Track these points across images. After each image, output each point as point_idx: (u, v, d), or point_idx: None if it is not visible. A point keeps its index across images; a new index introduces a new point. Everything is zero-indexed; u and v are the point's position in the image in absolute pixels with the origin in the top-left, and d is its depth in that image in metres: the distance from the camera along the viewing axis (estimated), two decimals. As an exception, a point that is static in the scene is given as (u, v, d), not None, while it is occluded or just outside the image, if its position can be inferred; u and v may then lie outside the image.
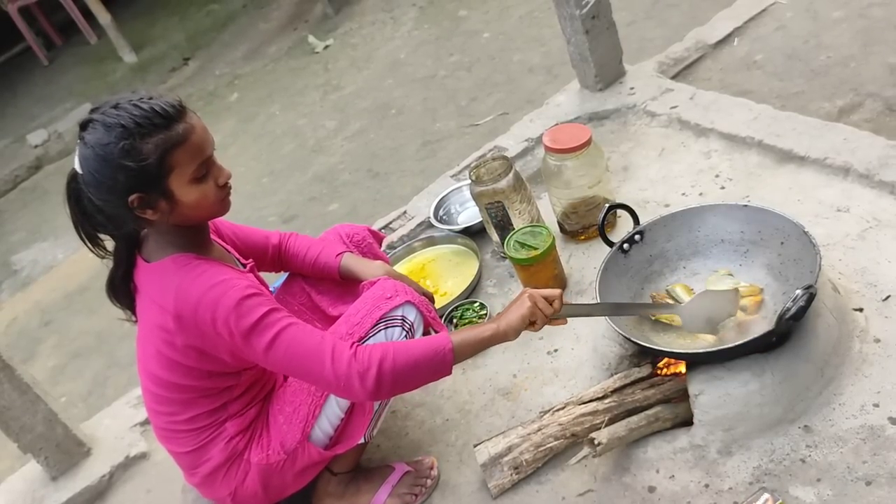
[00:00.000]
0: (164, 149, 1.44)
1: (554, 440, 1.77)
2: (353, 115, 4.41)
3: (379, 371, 1.50)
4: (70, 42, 8.35)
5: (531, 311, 1.60)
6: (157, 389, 1.65)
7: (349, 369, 1.50)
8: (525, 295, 1.62)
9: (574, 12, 2.72)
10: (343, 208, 3.59)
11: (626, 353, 1.88)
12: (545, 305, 1.62)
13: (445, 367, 1.56)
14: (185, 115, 1.49)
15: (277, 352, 1.51)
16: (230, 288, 1.50)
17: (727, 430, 1.65)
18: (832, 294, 1.78)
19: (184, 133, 1.46)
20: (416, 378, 1.58)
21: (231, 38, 6.50)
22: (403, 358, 1.53)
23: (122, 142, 1.42)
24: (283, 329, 1.51)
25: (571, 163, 2.27)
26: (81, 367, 3.43)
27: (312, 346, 1.52)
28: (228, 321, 1.48)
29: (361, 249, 2.06)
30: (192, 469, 1.73)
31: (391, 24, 5.29)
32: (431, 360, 1.55)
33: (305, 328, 1.55)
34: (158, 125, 1.44)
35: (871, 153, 2.16)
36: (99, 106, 1.48)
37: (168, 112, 1.46)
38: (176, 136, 1.45)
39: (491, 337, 1.60)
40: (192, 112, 1.51)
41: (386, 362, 1.51)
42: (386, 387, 1.53)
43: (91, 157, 1.45)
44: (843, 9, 3.06)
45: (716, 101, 2.66)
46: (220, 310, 1.48)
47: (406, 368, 1.53)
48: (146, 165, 1.43)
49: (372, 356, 1.51)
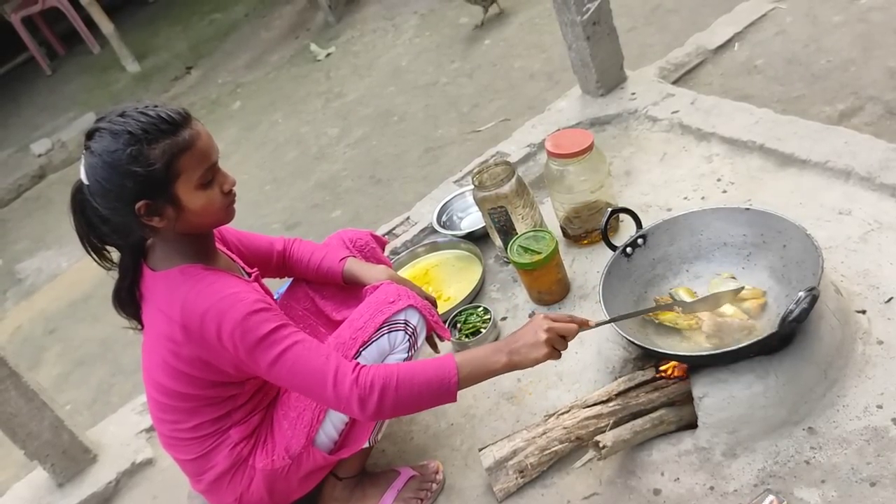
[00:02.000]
0: (171, 154, 1.46)
1: (559, 444, 1.78)
2: (355, 122, 4.43)
3: (380, 398, 1.50)
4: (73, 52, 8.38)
5: (547, 356, 1.54)
6: (161, 398, 1.66)
7: (350, 394, 1.50)
8: (542, 334, 1.53)
9: (575, 18, 2.73)
10: (346, 215, 3.60)
11: (629, 357, 1.89)
12: (562, 344, 1.56)
13: (449, 395, 1.54)
14: (191, 121, 1.50)
15: (282, 369, 1.52)
16: (238, 301, 1.51)
17: (731, 433, 1.66)
18: (835, 296, 1.78)
19: (190, 139, 1.48)
20: (418, 405, 1.58)
21: (233, 47, 6.53)
22: (407, 387, 1.52)
23: (129, 148, 1.43)
24: (288, 347, 1.51)
25: (574, 168, 2.28)
26: (86, 375, 3.44)
27: (316, 366, 1.52)
28: (234, 335, 1.49)
29: (365, 254, 2.07)
30: (198, 476, 1.74)
31: (392, 31, 5.31)
32: (436, 391, 1.53)
33: (311, 346, 1.54)
34: (165, 131, 1.45)
35: (872, 156, 2.17)
36: (104, 115, 1.50)
37: (174, 118, 1.47)
38: (182, 141, 1.47)
39: (500, 369, 1.56)
40: (196, 119, 1.52)
41: (388, 390, 1.51)
42: (386, 412, 1.53)
43: (98, 166, 1.46)
44: (843, 13, 3.07)
45: (717, 105, 2.67)
46: (227, 323, 1.49)
47: (408, 397, 1.53)
48: (154, 171, 1.45)
49: (374, 382, 1.50)
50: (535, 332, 1.55)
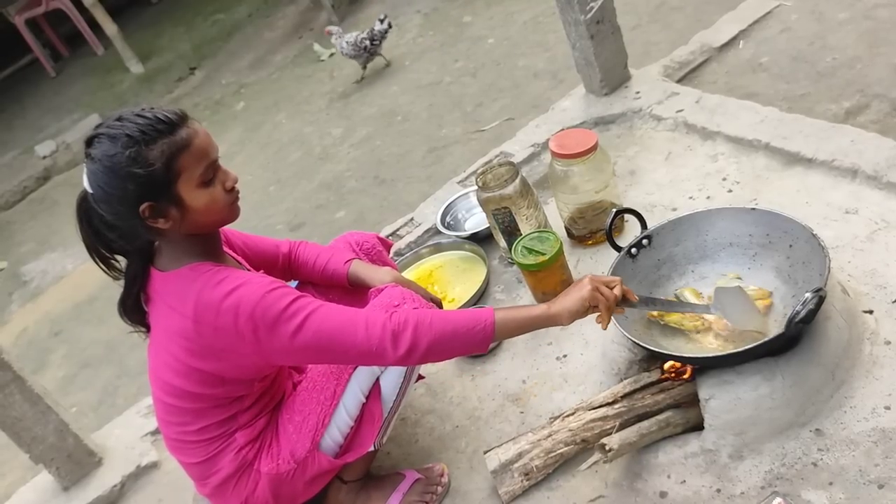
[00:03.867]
0: (170, 153, 1.46)
1: (564, 446, 1.77)
2: (358, 122, 4.42)
3: (414, 334, 1.49)
4: (77, 53, 8.40)
5: (592, 295, 1.54)
6: (168, 399, 1.66)
7: (383, 331, 1.49)
8: (586, 279, 1.56)
9: (579, 17, 2.72)
10: (350, 215, 3.60)
11: (635, 358, 1.88)
12: (608, 291, 1.56)
13: (484, 341, 1.53)
14: (187, 120, 1.50)
15: (307, 333, 1.50)
16: (253, 285, 1.51)
17: (738, 435, 1.65)
18: (842, 296, 1.77)
19: (188, 137, 1.48)
20: (452, 348, 1.56)
21: (237, 48, 6.53)
22: (440, 325, 1.51)
23: (127, 150, 1.43)
24: (311, 312, 1.51)
25: (578, 168, 2.27)
26: (91, 377, 3.44)
27: (345, 318, 1.52)
28: (254, 315, 1.48)
29: (371, 257, 2.07)
30: (203, 479, 1.73)
31: (396, 31, 5.30)
32: (470, 331, 1.52)
33: (334, 307, 1.54)
34: (162, 131, 1.46)
35: (878, 154, 2.15)
36: (102, 122, 1.51)
37: (170, 118, 1.47)
38: (180, 140, 1.47)
39: (539, 317, 1.55)
40: (193, 119, 1.52)
41: (422, 325, 1.50)
42: (419, 351, 1.50)
43: (99, 171, 1.46)
44: (849, 10, 3.05)
45: (722, 104, 2.66)
46: (245, 306, 1.48)
47: (442, 336, 1.51)
48: (154, 171, 1.45)
49: (408, 319, 1.50)
50: (578, 283, 1.57)
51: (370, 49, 4.73)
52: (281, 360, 1.64)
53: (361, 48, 4.70)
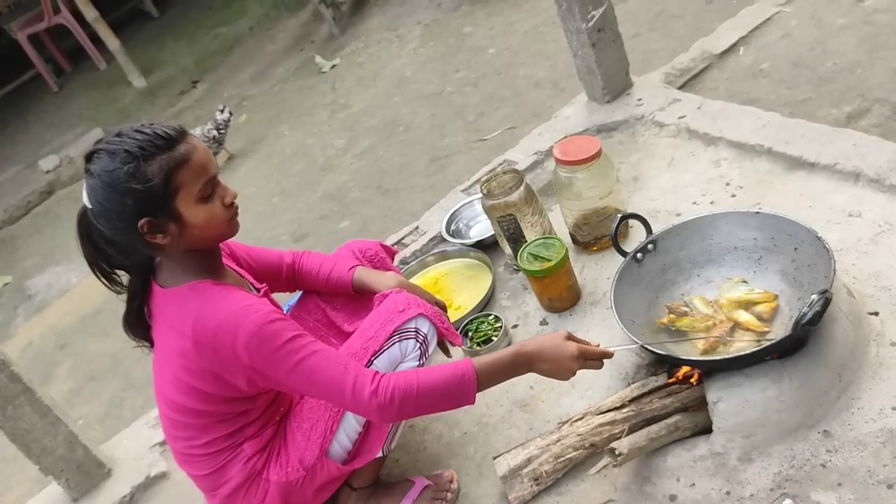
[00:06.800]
0: (169, 169, 1.47)
1: (573, 451, 1.77)
2: (361, 132, 4.44)
3: (400, 407, 1.53)
4: (79, 68, 8.43)
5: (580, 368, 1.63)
6: (174, 415, 1.66)
7: (369, 404, 1.52)
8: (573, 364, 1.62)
9: (580, 26, 2.74)
10: (354, 225, 3.61)
11: (642, 362, 1.89)
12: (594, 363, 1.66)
13: (468, 399, 1.58)
14: (186, 136, 1.51)
15: (299, 378, 1.53)
16: (253, 313, 1.51)
17: (747, 437, 1.65)
18: (847, 298, 1.78)
19: (186, 153, 1.49)
20: (437, 410, 1.63)
21: (239, 61, 6.56)
22: (426, 397, 1.54)
23: (126, 166, 1.44)
24: (306, 357, 1.52)
25: (582, 174, 2.28)
26: (97, 390, 3.45)
27: (335, 376, 1.53)
28: (250, 345, 1.49)
29: (374, 264, 2.08)
30: (213, 491, 1.74)
31: (397, 42, 5.33)
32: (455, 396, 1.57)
33: (328, 355, 1.55)
34: (161, 146, 1.47)
35: (880, 158, 2.17)
36: (102, 138, 1.52)
37: (169, 134, 1.49)
38: (179, 156, 1.48)
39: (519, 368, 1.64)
40: (192, 134, 1.54)
41: (408, 400, 1.53)
42: (404, 418, 1.65)
43: (98, 187, 1.47)
44: (848, 16, 3.07)
45: (723, 109, 2.67)
46: (242, 334, 1.49)
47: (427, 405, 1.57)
48: (152, 187, 1.46)
49: (394, 392, 1.52)
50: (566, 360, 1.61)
51: (218, 139, 4.61)
52: (273, 387, 1.66)
53: (210, 138, 4.55)
